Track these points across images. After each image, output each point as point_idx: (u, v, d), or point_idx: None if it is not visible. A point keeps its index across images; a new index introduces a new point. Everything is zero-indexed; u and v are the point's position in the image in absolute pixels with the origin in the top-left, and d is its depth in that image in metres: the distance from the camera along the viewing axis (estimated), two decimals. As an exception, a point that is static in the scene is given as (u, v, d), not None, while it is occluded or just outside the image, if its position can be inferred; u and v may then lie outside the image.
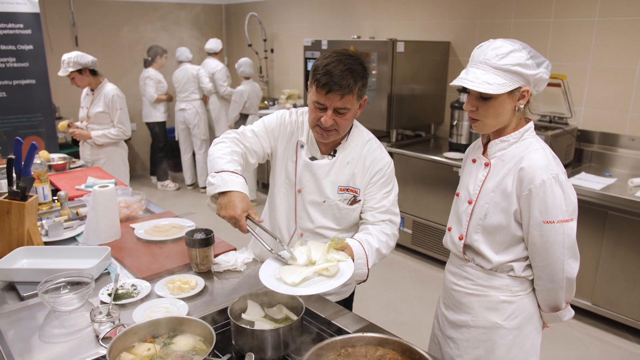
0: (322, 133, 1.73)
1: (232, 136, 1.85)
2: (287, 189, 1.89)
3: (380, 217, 1.84)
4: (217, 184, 1.62)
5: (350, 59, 1.65)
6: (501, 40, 1.49)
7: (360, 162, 1.83)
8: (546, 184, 1.46)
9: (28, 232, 1.98)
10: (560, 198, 1.47)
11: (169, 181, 6.65)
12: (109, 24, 6.62)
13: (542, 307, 1.65)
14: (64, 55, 3.80)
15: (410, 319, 3.56)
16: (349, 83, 1.61)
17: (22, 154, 2.05)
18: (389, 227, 1.84)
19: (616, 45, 3.65)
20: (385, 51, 4.29)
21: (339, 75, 1.60)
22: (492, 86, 1.44)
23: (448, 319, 1.77)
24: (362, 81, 1.67)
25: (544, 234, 1.49)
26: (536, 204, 1.48)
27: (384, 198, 1.84)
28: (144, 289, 1.73)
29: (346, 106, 1.66)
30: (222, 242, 2.14)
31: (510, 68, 1.44)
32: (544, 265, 1.53)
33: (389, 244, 1.82)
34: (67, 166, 3.43)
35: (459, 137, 4.33)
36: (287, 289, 1.42)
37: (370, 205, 1.84)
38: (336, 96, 1.63)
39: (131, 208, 2.42)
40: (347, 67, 1.62)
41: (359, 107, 1.74)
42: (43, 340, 1.47)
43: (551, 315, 1.65)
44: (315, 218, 1.86)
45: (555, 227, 1.47)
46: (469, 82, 1.47)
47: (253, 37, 6.96)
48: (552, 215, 1.47)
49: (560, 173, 1.48)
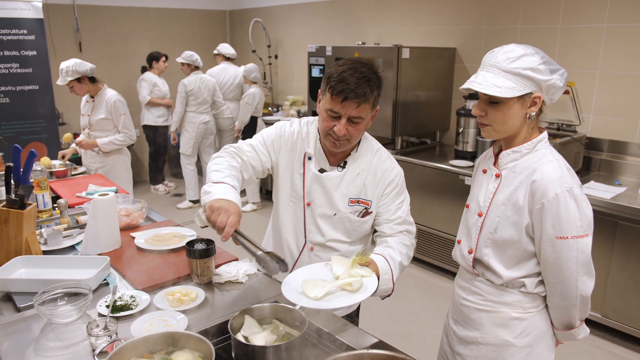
0: (335, 142, 1.68)
1: (230, 150, 1.82)
2: (295, 202, 1.84)
3: (397, 229, 1.81)
4: (213, 192, 1.57)
5: (366, 67, 1.61)
6: (514, 45, 1.44)
7: (371, 173, 1.79)
8: (560, 198, 1.40)
9: (26, 240, 1.95)
10: (574, 213, 1.41)
11: (160, 185, 6.63)
12: (113, 29, 6.62)
13: (555, 325, 1.59)
14: (62, 63, 3.75)
15: (415, 329, 3.50)
16: (366, 92, 1.58)
17: (20, 162, 2.01)
18: (407, 237, 1.82)
19: (625, 52, 3.60)
20: (390, 57, 4.25)
21: (355, 83, 1.56)
22: (501, 89, 1.39)
23: (457, 335, 1.71)
24: (377, 90, 1.63)
25: (556, 250, 1.43)
26: (549, 219, 1.42)
27: (398, 209, 1.81)
28: (143, 301, 1.69)
29: (361, 115, 1.62)
30: (224, 252, 2.09)
31: (521, 72, 1.39)
32: (556, 282, 1.48)
33: (409, 255, 1.80)
34: (68, 173, 3.40)
35: (465, 145, 4.28)
36: (308, 303, 1.42)
37: (386, 217, 1.81)
38: (352, 104, 1.59)
39: (132, 216, 2.38)
40: (363, 75, 1.58)
41: (371, 117, 1.70)
42: (38, 353, 1.43)
43: (565, 334, 1.58)
44: (326, 231, 1.82)
45: (569, 243, 1.41)
46: (477, 85, 1.43)
47: (257, 43, 6.95)
48: (566, 230, 1.41)
49: (574, 186, 1.43)
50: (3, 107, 4.55)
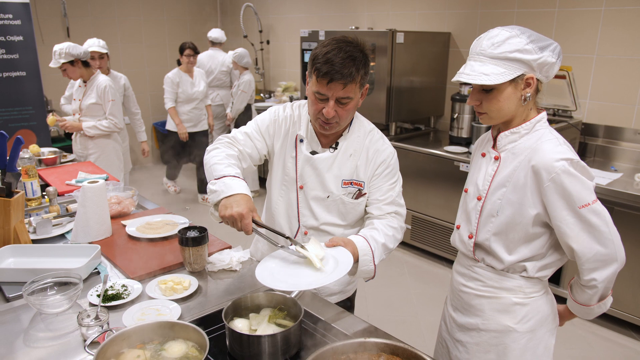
0: (324, 125, 1.66)
1: (224, 141, 1.79)
2: (288, 186, 1.81)
3: (386, 210, 1.77)
4: (221, 190, 1.55)
5: (351, 46, 1.57)
6: (498, 29, 1.41)
7: (363, 154, 1.76)
8: (569, 170, 1.38)
9: (14, 229, 1.91)
10: (584, 180, 1.40)
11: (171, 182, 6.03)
12: (101, 14, 6.49)
13: (590, 302, 1.54)
14: (55, 46, 3.70)
15: (411, 316, 3.50)
16: (351, 71, 1.54)
17: (7, 149, 1.96)
18: (395, 220, 1.78)
19: (623, 36, 3.57)
20: (384, 42, 4.19)
21: (341, 64, 1.52)
22: (490, 77, 1.37)
23: (456, 322, 1.69)
24: (364, 69, 1.59)
25: (584, 219, 1.40)
26: (564, 192, 1.39)
27: (390, 189, 1.77)
28: (135, 290, 1.65)
29: (349, 95, 1.59)
30: (217, 240, 2.06)
31: (508, 55, 1.37)
32: (595, 252, 1.42)
33: (396, 237, 1.76)
34: (57, 160, 3.34)
35: (459, 131, 4.25)
36: (281, 285, 1.42)
37: (376, 197, 1.78)
38: (338, 85, 1.55)
39: (123, 204, 2.33)
40: (348, 54, 1.54)
41: (360, 96, 1.66)
42: (27, 344, 1.40)
43: (598, 306, 1.54)
44: (320, 215, 1.79)
45: (593, 207, 1.39)
46: (465, 76, 1.41)
47: (248, 28, 6.85)
48: (585, 198, 1.39)
49: (576, 158, 1.41)
50: (-10, 94, 4.47)
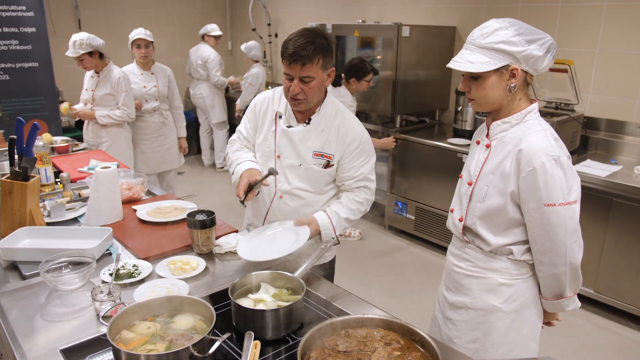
0: (293, 101, 1.93)
1: (235, 137, 2.23)
2: (268, 156, 2.07)
3: (356, 185, 2.06)
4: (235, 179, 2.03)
5: (313, 34, 1.84)
6: (492, 20, 1.48)
7: (334, 131, 2.00)
8: (546, 166, 1.43)
9: (30, 212, 1.99)
10: (561, 180, 1.44)
11: None
12: (112, 7, 6.57)
13: (545, 295, 1.62)
14: (74, 35, 3.78)
15: (413, 304, 3.57)
16: (308, 53, 1.80)
17: (24, 135, 2.04)
18: (362, 193, 2.08)
19: (625, 31, 3.59)
20: (390, 35, 4.24)
21: (300, 46, 1.80)
22: (475, 65, 1.45)
23: (448, 300, 1.76)
24: (322, 52, 1.84)
25: (545, 217, 1.47)
26: (535, 187, 1.45)
27: (361, 166, 2.03)
28: (145, 269, 1.74)
29: (309, 74, 1.84)
30: (224, 224, 2.14)
31: (493, 46, 1.44)
32: (545, 249, 1.51)
33: (360, 210, 2.08)
34: (69, 149, 3.43)
35: (463, 123, 4.30)
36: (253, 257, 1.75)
37: (349, 174, 2.04)
38: (297, 65, 1.83)
39: (133, 190, 2.41)
40: (308, 40, 1.81)
41: (327, 77, 1.93)
42: (45, 319, 1.48)
43: (553, 303, 1.62)
44: (292, 180, 2.05)
45: (557, 209, 1.45)
46: (454, 63, 1.50)
47: (257, 21, 6.90)
48: (553, 197, 1.44)
49: (561, 155, 1.46)
50: (3, 84, 4.54)
